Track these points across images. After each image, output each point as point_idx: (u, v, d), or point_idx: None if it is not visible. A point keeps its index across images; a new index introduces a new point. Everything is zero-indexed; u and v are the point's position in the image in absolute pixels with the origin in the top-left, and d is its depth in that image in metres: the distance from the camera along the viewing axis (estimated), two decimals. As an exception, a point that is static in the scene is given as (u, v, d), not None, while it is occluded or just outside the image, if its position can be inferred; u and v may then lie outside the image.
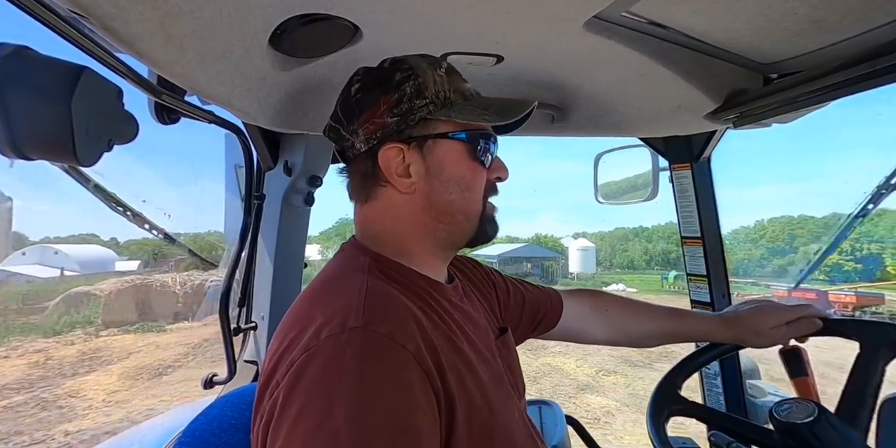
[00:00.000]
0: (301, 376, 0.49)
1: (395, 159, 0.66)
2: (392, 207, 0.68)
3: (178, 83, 0.72)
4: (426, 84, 0.65)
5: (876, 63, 0.72)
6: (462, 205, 0.68)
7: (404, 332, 0.53)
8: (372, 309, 0.54)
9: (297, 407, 0.47)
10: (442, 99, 0.66)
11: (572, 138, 1.34)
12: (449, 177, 0.67)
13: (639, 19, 0.78)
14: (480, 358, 0.64)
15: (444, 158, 0.67)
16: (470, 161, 0.68)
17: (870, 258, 42.39)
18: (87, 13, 0.48)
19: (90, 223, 71.01)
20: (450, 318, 0.65)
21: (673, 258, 56.54)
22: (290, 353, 0.52)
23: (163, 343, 11.22)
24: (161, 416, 1.21)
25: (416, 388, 0.50)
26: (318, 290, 0.64)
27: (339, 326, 0.52)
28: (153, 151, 70.03)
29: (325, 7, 0.67)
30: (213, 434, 0.69)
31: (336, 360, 0.49)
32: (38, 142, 0.51)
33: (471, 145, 0.67)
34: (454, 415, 0.54)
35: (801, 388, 0.93)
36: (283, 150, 1.24)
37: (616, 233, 68.48)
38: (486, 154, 0.69)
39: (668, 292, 31.53)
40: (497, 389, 0.63)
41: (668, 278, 36.62)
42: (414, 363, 0.51)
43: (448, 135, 0.67)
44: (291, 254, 1.30)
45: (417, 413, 0.49)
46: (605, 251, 61.73)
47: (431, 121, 0.66)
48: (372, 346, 0.50)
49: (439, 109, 0.66)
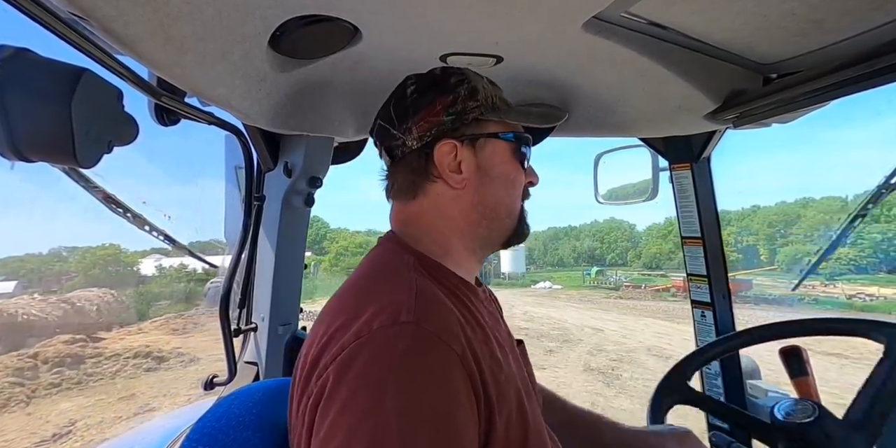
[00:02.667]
0: (353, 362, 0.50)
1: (449, 155, 0.69)
2: (441, 203, 0.71)
3: (178, 85, 0.73)
4: (478, 88, 0.71)
5: (875, 63, 0.72)
6: (507, 201, 0.73)
7: (451, 333, 0.55)
8: (423, 307, 0.56)
9: (347, 392, 0.49)
10: (491, 103, 0.72)
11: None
12: (497, 174, 0.72)
13: (638, 20, 0.78)
14: (515, 364, 0.65)
15: (494, 156, 0.72)
16: (515, 161, 0.73)
17: (748, 249, 50.02)
18: (87, 15, 0.48)
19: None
20: (485, 323, 0.66)
21: (598, 255, 61.14)
22: (340, 338, 0.53)
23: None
24: (162, 416, 1.22)
25: (459, 387, 0.52)
26: (366, 283, 0.65)
27: (391, 319, 0.53)
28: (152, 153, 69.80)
29: (325, 8, 0.68)
30: (222, 431, 0.69)
31: (387, 350, 0.51)
32: (38, 143, 0.51)
33: (517, 146, 0.73)
34: (493, 420, 0.55)
35: (802, 388, 0.93)
36: (283, 152, 1.24)
37: (548, 232, 70.56)
38: (525, 157, 0.75)
39: (588, 287, 34.73)
40: (528, 396, 0.64)
41: (590, 274, 40.58)
42: (459, 364, 0.53)
43: (498, 134, 0.72)
44: (292, 255, 1.30)
45: (460, 411, 0.50)
46: (539, 250, 64.80)
47: (483, 121, 0.71)
48: (422, 342, 0.52)
49: (490, 112, 0.71)
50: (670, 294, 26.35)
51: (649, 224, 61.55)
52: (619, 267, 52.87)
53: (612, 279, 37.70)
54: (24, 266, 25.61)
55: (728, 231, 50.23)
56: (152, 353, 11.21)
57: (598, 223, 67.07)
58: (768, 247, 50.05)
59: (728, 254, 1.48)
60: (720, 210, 1.46)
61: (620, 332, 13.82)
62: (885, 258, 36.70)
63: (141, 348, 11.44)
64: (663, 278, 35.37)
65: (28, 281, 23.00)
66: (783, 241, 49.33)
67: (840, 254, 32.48)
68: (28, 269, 25.11)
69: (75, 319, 14.14)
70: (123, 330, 14.69)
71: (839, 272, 30.92)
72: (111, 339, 13.07)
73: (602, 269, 45.40)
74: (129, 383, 9.68)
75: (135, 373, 10.27)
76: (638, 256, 56.90)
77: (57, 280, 21.19)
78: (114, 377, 9.97)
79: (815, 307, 21.80)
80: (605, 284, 35.67)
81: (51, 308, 14.10)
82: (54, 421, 7.63)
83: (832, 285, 27.35)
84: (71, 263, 27.54)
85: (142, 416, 7.83)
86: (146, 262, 28.33)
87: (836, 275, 29.26)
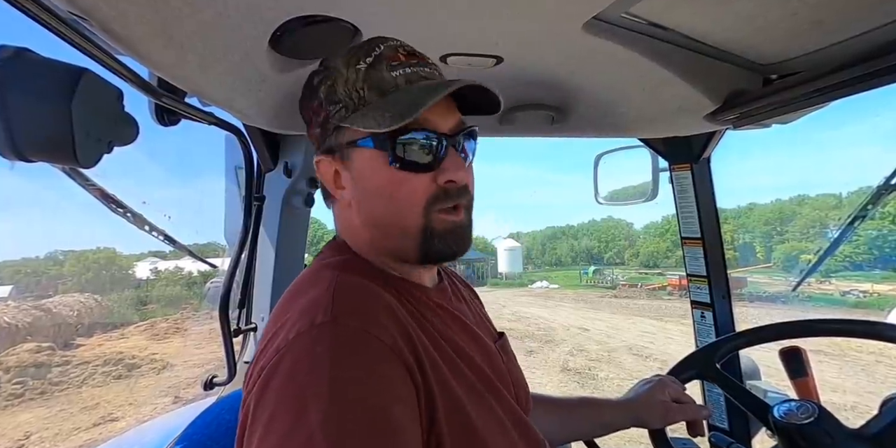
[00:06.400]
0: (271, 379, 0.47)
1: (328, 173, 0.64)
2: (344, 221, 0.67)
3: (178, 85, 0.72)
4: (336, 85, 0.60)
5: (876, 63, 0.72)
6: (393, 218, 0.61)
7: (379, 324, 0.51)
8: (342, 302, 0.52)
9: (269, 412, 0.45)
10: (355, 100, 0.59)
11: (515, 139, 1.34)
12: (371, 187, 0.61)
13: (638, 20, 0.78)
14: (467, 360, 0.61)
15: (364, 167, 0.61)
16: (388, 169, 0.59)
17: (744, 247, 50.49)
18: (88, 15, 0.48)
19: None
20: (432, 316, 0.62)
21: (595, 254, 61.48)
22: (263, 357, 0.50)
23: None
24: (162, 417, 1.21)
25: (394, 380, 0.48)
26: (292, 290, 0.61)
27: (308, 323, 0.49)
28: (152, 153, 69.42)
29: (325, 9, 0.67)
30: (210, 437, 0.69)
31: (305, 357, 0.47)
32: (38, 144, 0.50)
33: (383, 152, 0.59)
34: (435, 412, 0.51)
35: (802, 388, 0.93)
36: (283, 152, 1.24)
37: (546, 231, 70.98)
38: (412, 158, 0.59)
39: (585, 286, 34.66)
40: (487, 392, 0.60)
41: (587, 273, 40.69)
42: (391, 355, 0.49)
43: (357, 142, 0.60)
44: (291, 255, 1.30)
45: (396, 405, 0.47)
46: (537, 249, 65.23)
47: (344, 127, 0.60)
48: (343, 340, 0.48)
49: (351, 113, 0.59)
50: (666, 292, 26.45)
51: (647, 223, 62.01)
52: (616, 266, 53.04)
53: (608, 278, 37.79)
54: (20, 271, 25.46)
55: (723, 229, 50.39)
56: (124, 359, 10.95)
57: (596, 222, 67.38)
58: (764, 244, 50.40)
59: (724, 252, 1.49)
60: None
61: (606, 331, 13.76)
62: (880, 255, 36.95)
63: (112, 355, 11.18)
64: (660, 277, 35.55)
65: (24, 286, 22.79)
66: (779, 238, 49.71)
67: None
68: (24, 273, 24.96)
69: (49, 326, 13.71)
70: (104, 336, 14.45)
71: (834, 269, 31.11)
72: (88, 346, 12.79)
73: (599, 268, 45.52)
74: (95, 392, 9.45)
75: (103, 381, 10.05)
76: (635, 255, 57.14)
77: (52, 285, 21.02)
78: (80, 386, 9.75)
79: (808, 304, 21.89)
80: (601, 283, 35.71)
81: (22, 315, 13.62)
82: (10, 435, 7.46)
83: (827, 282, 27.50)
84: (65, 267, 27.39)
85: (102, 426, 7.64)
86: (141, 265, 28.21)
87: (830, 272, 29.42)
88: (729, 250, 45.59)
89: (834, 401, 6.59)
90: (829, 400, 6.29)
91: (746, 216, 55.83)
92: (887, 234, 37.88)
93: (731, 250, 47.99)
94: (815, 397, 0.91)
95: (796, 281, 3.53)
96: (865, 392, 7.31)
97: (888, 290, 25.06)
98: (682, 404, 0.92)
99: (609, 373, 8.94)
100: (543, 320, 16.15)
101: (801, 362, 0.95)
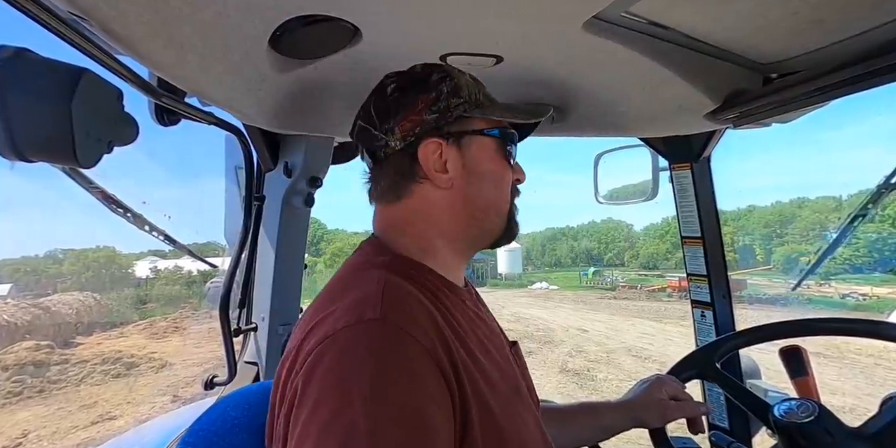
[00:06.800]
0: (318, 365, 0.50)
1: (434, 155, 0.67)
2: (427, 204, 0.69)
3: (178, 85, 0.72)
4: (461, 84, 0.69)
5: (876, 62, 0.72)
6: (495, 201, 0.71)
7: (420, 327, 0.54)
8: (390, 302, 0.55)
9: (315, 396, 0.48)
10: (474, 100, 0.69)
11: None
12: (484, 172, 0.70)
13: (638, 19, 0.78)
14: (494, 364, 0.64)
15: (480, 154, 0.70)
16: (501, 158, 0.71)
17: (744, 249, 50.41)
18: (88, 15, 0.48)
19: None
20: (465, 321, 0.65)
21: (595, 255, 61.23)
22: (309, 343, 0.53)
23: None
24: (163, 416, 1.21)
25: (429, 381, 0.51)
26: (337, 285, 0.65)
27: (356, 317, 0.52)
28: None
29: (325, 8, 0.67)
30: (217, 434, 0.69)
31: (352, 349, 0.50)
32: (38, 144, 0.50)
33: (503, 142, 0.71)
34: (468, 416, 0.53)
35: (802, 388, 0.93)
36: (283, 152, 1.24)
37: (546, 233, 70.61)
38: (512, 153, 0.73)
39: (585, 287, 34.64)
40: (513, 397, 0.63)
41: (587, 274, 40.68)
42: (429, 358, 0.52)
43: (483, 131, 0.70)
44: (292, 255, 1.30)
45: (431, 405, 0.49)
46: (536, 250, 64.85)
47: (467, 118, 0.69)
48: (388, 338, 0.51)
49: (474, 108, 0.69)
50: (665, 294, 26.42)
51: (647, 224, 61.96)
52: (616, 267, 52.92)
53: (608, 279, 37.77)
54: (21, 269, 25.44)
55: (723, 231, 50.48)
56: (123, 358, 10.94)
57: (596, 223, 67.27)
58: (764, 247, 50.35)
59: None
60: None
61: (605, 332, 13.74)
62: (880, 258, 36.95)
63: (111, 354, 11.17)
64: (660, 278, 35.48)
65: (24, 284, 22.70)
66: (778, 241, 49.67)
67: (835, 253, 32.80)
68: (24, 272, 24.92)
69: (48, 325, 13.64)
70: (103, 334, 14.44)
71: (834, 271, 31.09)
72: (86, 345, 12.74)
73: (599, 269, 45.45)
74: (93, 391, 9.46)
75: (102, 379, 10.05)
76: (635, 256, 57.05)
77: (51, 283, 20.96)
78: (79, 384, 9.75)
79: (808, 306, 21.86)
80: (601, 285, 35.66)
81: (21, 313, 13.54)
82: (8, 433, 7.48)
83: (826, 285, 27.44)
84: (64, 266, 27.37)
85: (100, 424, 7.66)
86: (141, 264, 28.18)
87: (830, 274, 29.41)
88: (729, 252, 45.78)
89: (833, 403, 6.56)
90: (828, 402, 6.27)
91: (746, 218, 55.74)
92: (887, 236, 37.89)
93: (730, 252, 47.96)
94: (816, 396, 0.91)
95: (795, 282, 3.51)
96: (864, 394, 7.31)
97: (887, 293, 25.00)
98: (680, 402, 0.93)
99: (608, 374, 8.93)
100: (543, 321, 16.12)
101: (801, 361, 0.95)
